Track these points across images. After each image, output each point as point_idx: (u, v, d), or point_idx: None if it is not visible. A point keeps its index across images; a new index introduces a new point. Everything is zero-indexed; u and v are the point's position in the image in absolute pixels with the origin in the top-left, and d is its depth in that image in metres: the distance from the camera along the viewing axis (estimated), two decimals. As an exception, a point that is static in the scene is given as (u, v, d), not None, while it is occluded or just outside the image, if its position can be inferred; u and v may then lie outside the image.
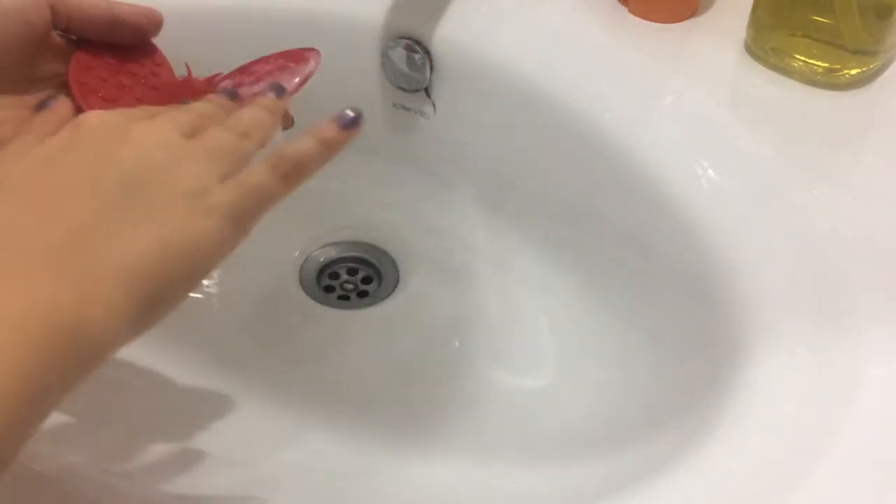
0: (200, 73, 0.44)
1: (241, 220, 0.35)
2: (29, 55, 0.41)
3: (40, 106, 0.39)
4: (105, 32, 0.43)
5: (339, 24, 0.61)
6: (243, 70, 0.44)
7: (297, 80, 0.42)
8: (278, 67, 0.43)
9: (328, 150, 0.38)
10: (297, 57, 0.44)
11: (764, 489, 0.37)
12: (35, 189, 0.33)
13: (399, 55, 0.60)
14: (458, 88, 0.60)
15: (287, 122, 0.43)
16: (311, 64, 0.43)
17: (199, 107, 0.40)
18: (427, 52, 0.59)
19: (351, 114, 0.39)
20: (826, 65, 0.53)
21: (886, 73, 0.55)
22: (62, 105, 0.39)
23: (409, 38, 0.59)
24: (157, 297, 0.33)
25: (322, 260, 0.62)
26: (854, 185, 0.48)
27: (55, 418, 0.30)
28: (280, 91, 0.41)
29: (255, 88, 0.42)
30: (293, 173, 0.37)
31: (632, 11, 0.58)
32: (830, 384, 0.40)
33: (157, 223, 0.33)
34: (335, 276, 0.61)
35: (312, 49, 0.44)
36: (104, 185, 0.33)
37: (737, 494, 0.37)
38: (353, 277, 0.61)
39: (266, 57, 0.44)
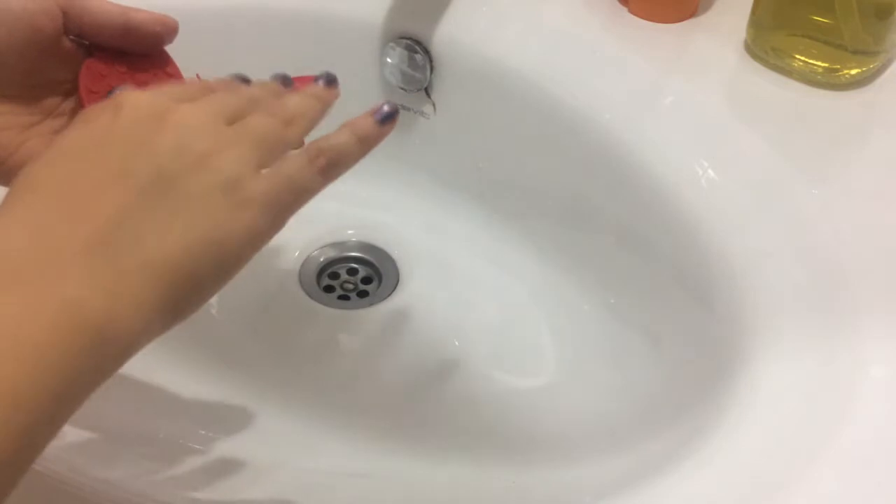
0: (203, 74, 0.44)
1: (276, 213, 0.35)
2: (37, 60, 0.40)
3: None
4: (118, 39, 0.42)
5: (338, 24, 0.61)
6: None
7: None
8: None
9: (365, 145, 0.38)
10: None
11: (764, 489, 0.37)
12: (68, 183, 0.33)
13: (399, 55, 0.60)
14: (458, 88, 0.60)
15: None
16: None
17: (249, 90, 0.39)
18: (427, 52, 0.59)
19: (387, 108, 0.39)
20: (826, 65, 0.53)
21: (886, 73, 0.55)
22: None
23: (409, 38, 0.59)
24: (186, 294, 0.32)
25: (322, 260, 0.62)
26: (854, 185, 0.48)
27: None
28: (331, 80, 0.41)
29: None
30: (330, 168, 0.37)
31: (632, 11, 0.58)
32: (830, 384, 0.40)
33: (188, 218, 0.32)
34: (335, 276, 0.61)
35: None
36: (137, 177, 0.33)
37: (737, 494, 0.37)
38: (353, 277, 0.61)
39: None
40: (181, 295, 0.32)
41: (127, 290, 0.31)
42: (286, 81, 0.41)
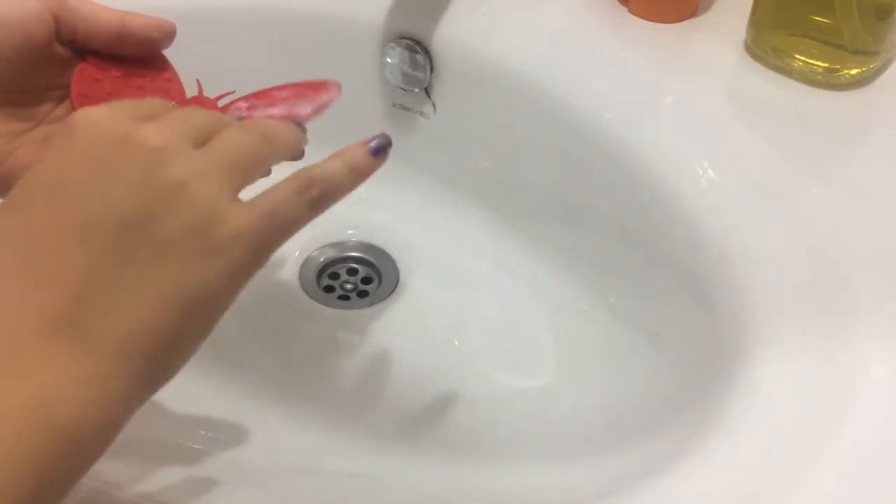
0: (202, 74, 0.44)
1: (260, 248, 0.32)
2: (28, 67, 0.39)
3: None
4: (112, 45, 0.40)
5: (338, 24, 0.61)
6: (259, 95, 0.42)
7: (311, 108, 0.41)
8: (294, 94, 0.42)
9: (357, 176, 0.36)
10: (315, 86, 0.42)
11: (764, 489, 0.37)
12: (28, 241, 0.30)
13: (399, 55, 0.60)
14: (458, 88, 0.60)
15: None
16: (329, 95, 0.41)
17: (212, 114, 0.36)
18: (427, 52, 0.59)
19: (379, 140, 0.37)
20: (826, 65, 0.53)
21: (886, 73, 0.55)
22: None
23: (409, 38, 0.59)
24: (167, 357, 0.30)
25: (322, 260, 0.62)
26: (854, 185, 0.48)
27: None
28: (300, 126, 0.38)
29: (269, 111, 0.41)
30: (321, 199, 0.34)
31: (632, 11, 0.58)
32: (830, 384, 0.40)
33: (161, 273, 0.30)
34: (335, 276, 0.61)
35: (332, 81, 0.42)
36: (100, 227, 0.30)
37: (737, 494, 0.37)
38: (353, 277, 0.61)
39: (285, 85, 0.43)
40: (161, 360, 0.30)
41: (100, 372, 0.29)
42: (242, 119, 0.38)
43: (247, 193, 0.33)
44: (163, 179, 0.30)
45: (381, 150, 0.37)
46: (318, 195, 0.34)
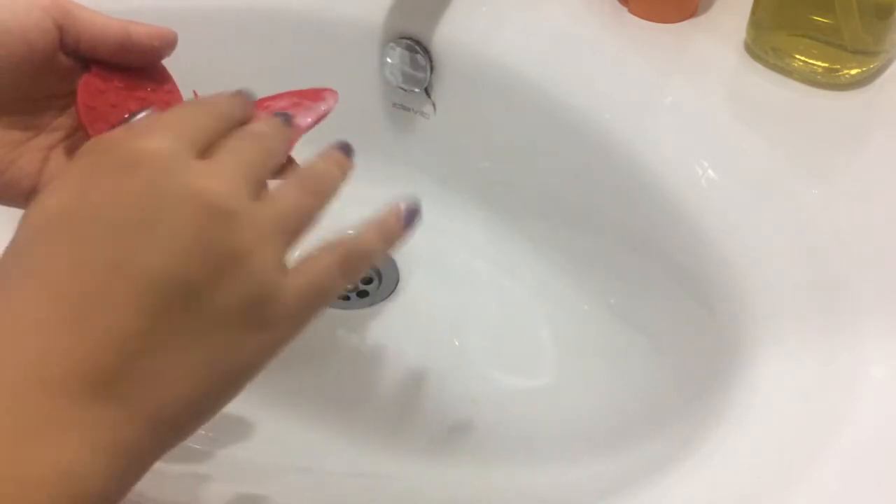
0: (202, 75, 0.44)
1: (304, 322, 0.33)
2: (30, 76, 0.38)
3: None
4: (114, 55, 0.40)
5: (338, 24, 0.61)
6: (257, 104, 0.41)
7: (311, 118, 0.41)
8: (292, 104, 0.41)
9: (389, 246, 0.38)
10: (312, 95, 0.42)
11: (764, 489, 0.37)
12: (71, 279, 0.28)
13: (399, 55, 0.60)
14: (458, 88, 0.60)
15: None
16: (327, 104, 0.41)
17: (259, 131, 0.35)
18: (427, 52, 0.59)
19: (409, 208, 0.38)
20: (826, 65, 0.53)
21: (886, 73, 0.55)
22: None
23: (409, 38, 0.59)
24: (188, 427, 0.31)
25: (322, 260, 0.62)
26: (854, 185, 0.48)
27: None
28: (347, 149, 0.38)
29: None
30: (357, 270, 0.36)
31: (632, 11, 0.58)
32: (830, 384, 0.40)
33: (210, 345, 0.29)
34: (335, 276, 0.61)
35: (329, 89, 0.42)
36: (158, 286, 0.28)
37: (737, 494, 0.37)
38: (353, 277, 0.61)
39: (281, 94, 0.42)
40: (184, 429, 0.30)
41: (130, 442, 0.28)
42: (287, 119, 0.38)
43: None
44: (226, 245, 0.30)
45: (411, 219, 0.38)
46: (355, 267, 0.36)
